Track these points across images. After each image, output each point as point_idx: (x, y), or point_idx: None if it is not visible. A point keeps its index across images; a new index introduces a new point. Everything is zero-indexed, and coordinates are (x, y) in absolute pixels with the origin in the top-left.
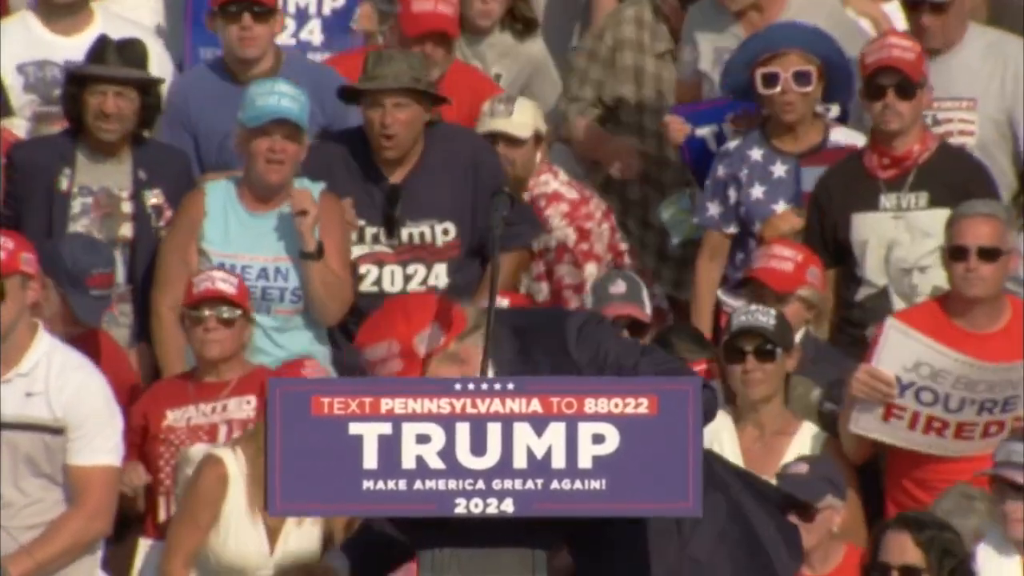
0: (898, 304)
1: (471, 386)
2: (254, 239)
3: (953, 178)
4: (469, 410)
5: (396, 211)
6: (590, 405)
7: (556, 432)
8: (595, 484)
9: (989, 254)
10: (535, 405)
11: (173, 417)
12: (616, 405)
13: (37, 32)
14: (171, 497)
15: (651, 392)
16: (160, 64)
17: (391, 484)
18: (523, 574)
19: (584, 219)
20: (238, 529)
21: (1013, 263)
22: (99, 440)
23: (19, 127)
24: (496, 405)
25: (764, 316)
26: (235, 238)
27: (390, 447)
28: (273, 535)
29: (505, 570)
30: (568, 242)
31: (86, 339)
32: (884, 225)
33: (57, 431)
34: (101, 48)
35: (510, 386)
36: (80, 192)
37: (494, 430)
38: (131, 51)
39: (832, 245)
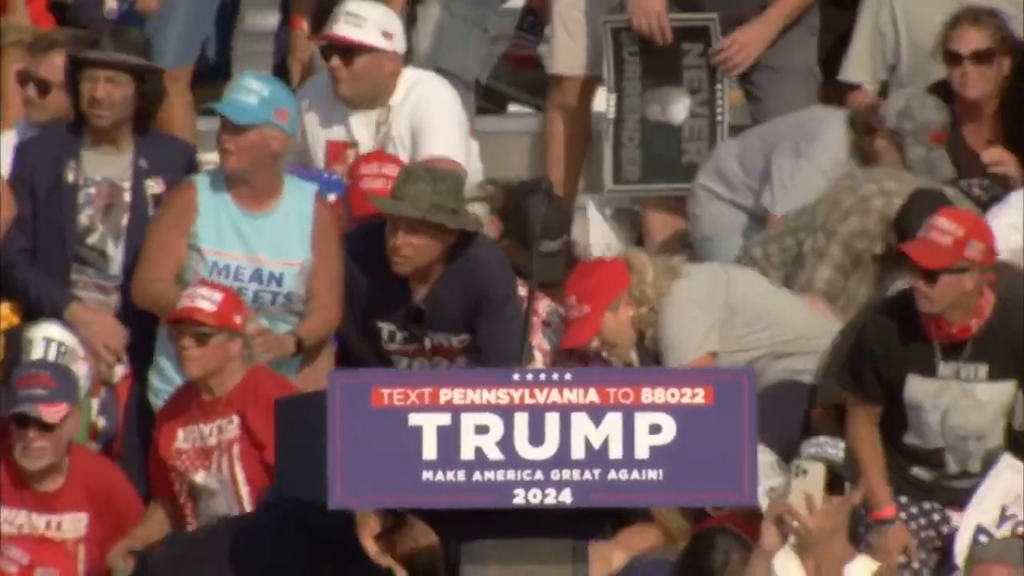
0: (952, 467)
1: (529, 377)
2: (249, 240)
3: (1012, 349)
4: (527, 400)
5: (419, 330)
6: (647, 395)
7: (613, 422)
8: (652, 474)
9: None
10: (592, 395)
11: (183, 437)
12: (673, 395)
13: None
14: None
15: (707, 382)
16: None
17: (450, 475)
18: (564, 564)
19: None
20: None
21: None
22: None
23: None
24: (554, 395)
25: (833, 449)
26: (228, 237)
27: (449, 438)
28: None
29: (546, 560)
30: None
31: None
32: (941, 392)
33: None
34: (99, 34)
35: (567, 376)
36: (85, 183)
37: (552, 420)
38: (128, 37)
39: (880, 388)
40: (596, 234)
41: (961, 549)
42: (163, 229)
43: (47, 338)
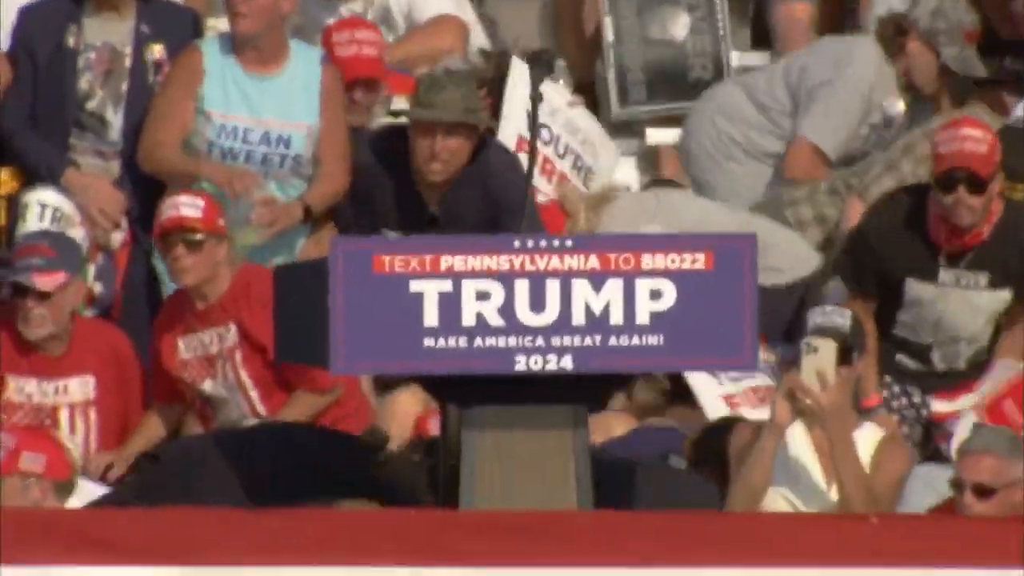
0: (938, 364)
1: (530, 243)
2: (255, 103)
3: (1016, 258)
4: (528, 267)
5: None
6: (647, 261)
7: (614, 288)
8: (652, 340)
9: (985, 492)
10: (593, 261)
11: (183, 347)
12: (673, 261)
13: None
14: None
15: (708, 248)
16: None
17: (452, 342)
18: (564, 430)
19: None
20: None
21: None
22: None
23: None
24: (555, 262)
25: (840, 318)
26: (235, 101)
27: (450, 304)
28: None
29: (546, 426)
30: None
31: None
32: (939, 297)
33: None
34: None
35: (568, 243)
36: (85, 48)
37: (553, 287)
38: None
39: (877, 286)
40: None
41: (963, 431)
42: (170, 94)
43: (42, 203)
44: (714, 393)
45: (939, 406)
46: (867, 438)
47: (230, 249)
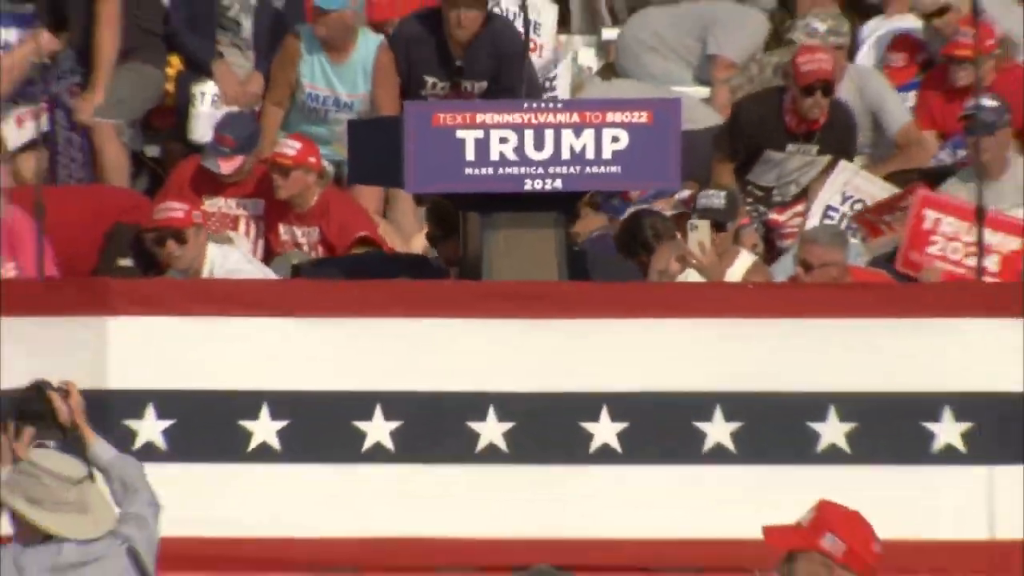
0: (776, 198)
1: (534, 105)
2: (332, 79)
3: (838, 135)
4: (533, 121)
5: (460, 79)
6: (611, 117)
7: (589, 135)
8: (613, 169)
9: (807, 267)
10: (575, 117)
11: (283, 231)
12: (627, 116)
13: None
14: None
15: (648, 108)
16: None
17: (483, 171)
18: (548, 228)
19: None
20: None
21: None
22: None
23: None
24: (550, 117)
25: (716, 200)
26: (319, 77)
27: (482, 146)
28: None
29: (539, 226)
30: None
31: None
32: (784, 159)
33: None
34: None
35: (559, 105)
36: None
37: (549, 134)
38: None
39: (742, 153)
40: None
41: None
42: (279, 67)
43: (203, 92)
44: None
45: (773, 216)
46: (742, 264)
47: (321, 177)
